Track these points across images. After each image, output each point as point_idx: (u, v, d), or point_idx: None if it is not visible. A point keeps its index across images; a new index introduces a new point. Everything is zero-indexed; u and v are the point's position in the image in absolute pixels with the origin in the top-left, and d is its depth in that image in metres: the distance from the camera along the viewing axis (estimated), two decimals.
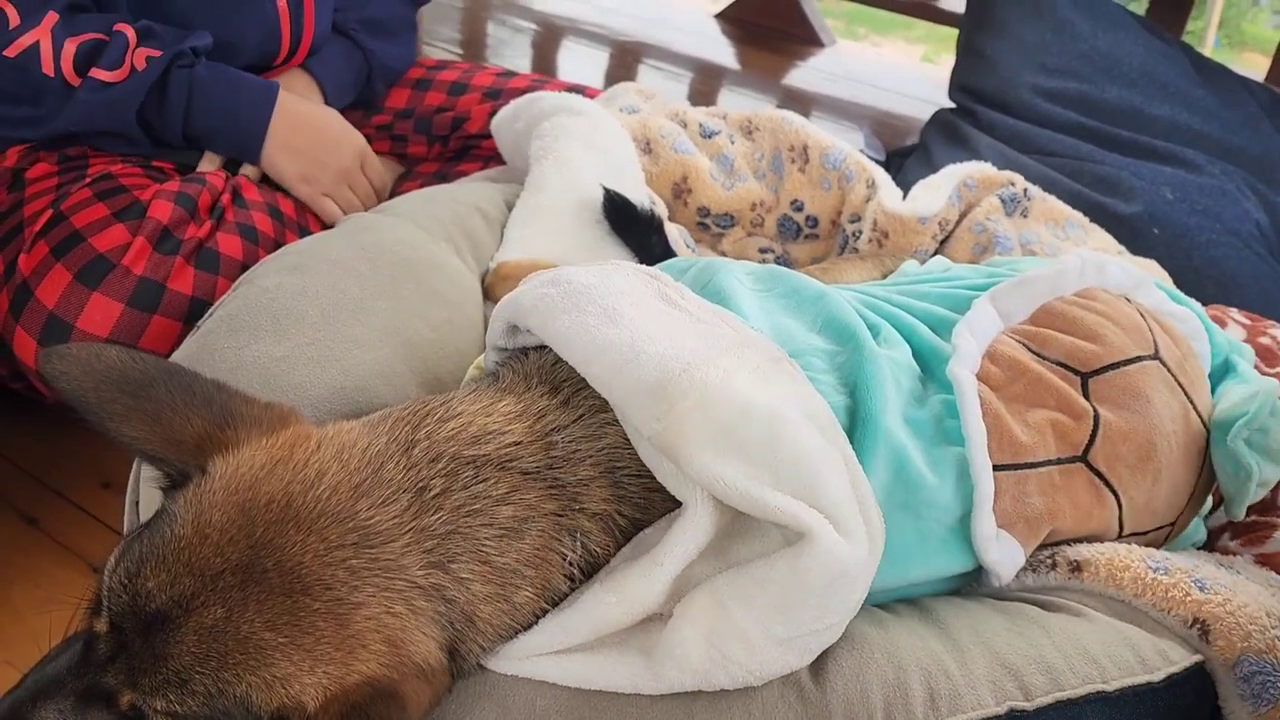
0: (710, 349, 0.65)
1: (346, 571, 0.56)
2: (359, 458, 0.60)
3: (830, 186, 1.31)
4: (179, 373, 0.63)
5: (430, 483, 0.60)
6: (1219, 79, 1.73)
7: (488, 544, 0.60)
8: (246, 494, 0.58)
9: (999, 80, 1.68)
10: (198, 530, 0.57)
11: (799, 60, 2.41)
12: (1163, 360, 0.85)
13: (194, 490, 0.59)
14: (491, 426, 0.64)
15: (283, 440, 0.61)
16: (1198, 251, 1.35)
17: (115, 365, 0.61)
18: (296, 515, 0.57)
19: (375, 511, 0.58)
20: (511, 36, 2.46)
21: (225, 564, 0.56)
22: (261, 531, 0.57)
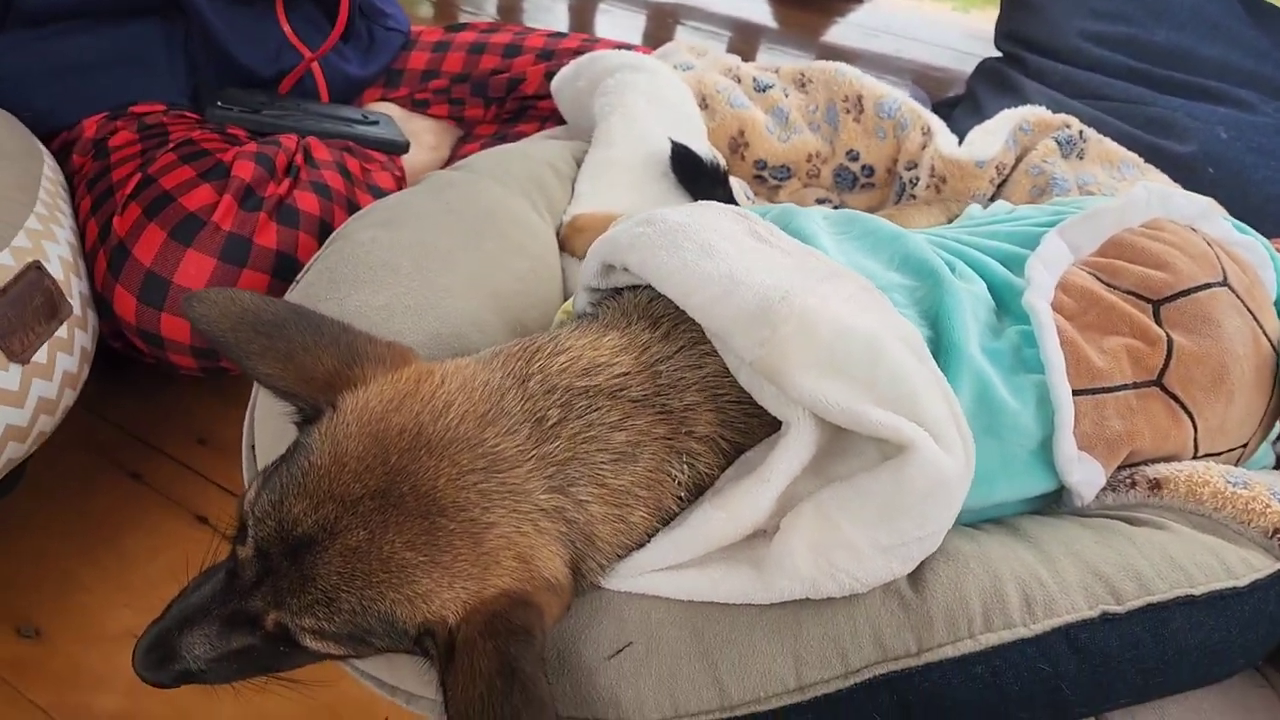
0: (806, 279, 0.67)
1: (478, 494, 0.60)
2: (481, 390, 0.64)
3: (885, 135, 1.33)
4: (308, 314, 0.67)
5: (547, 413, 0.64)
6: (1271, 19, 1.72)
7: (604, 468, 0.63)
8: (379, 424, 0.62)
9: (1047, 26, 1.68)
10: (336, 459, 0.61)
11: (837, 16, 2.41)
12: (1231, 286, 0.87)
13: (328, 424, 0.63)
14: (600, 359, 0.67)
15: (407, 375, 0.65)
16: (1254, 189, 1.35)
17: (250, 308, 0.65)
18: (428, 443, 0.61)
19: (501, 439, 0.62)
20: (548, 2, 2.48)
21: (364, 490, 0.60)
22: (396, 459, 0.61)
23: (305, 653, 0.62)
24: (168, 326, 1.03)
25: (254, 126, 1.23)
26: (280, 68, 1.33)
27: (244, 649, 0.62)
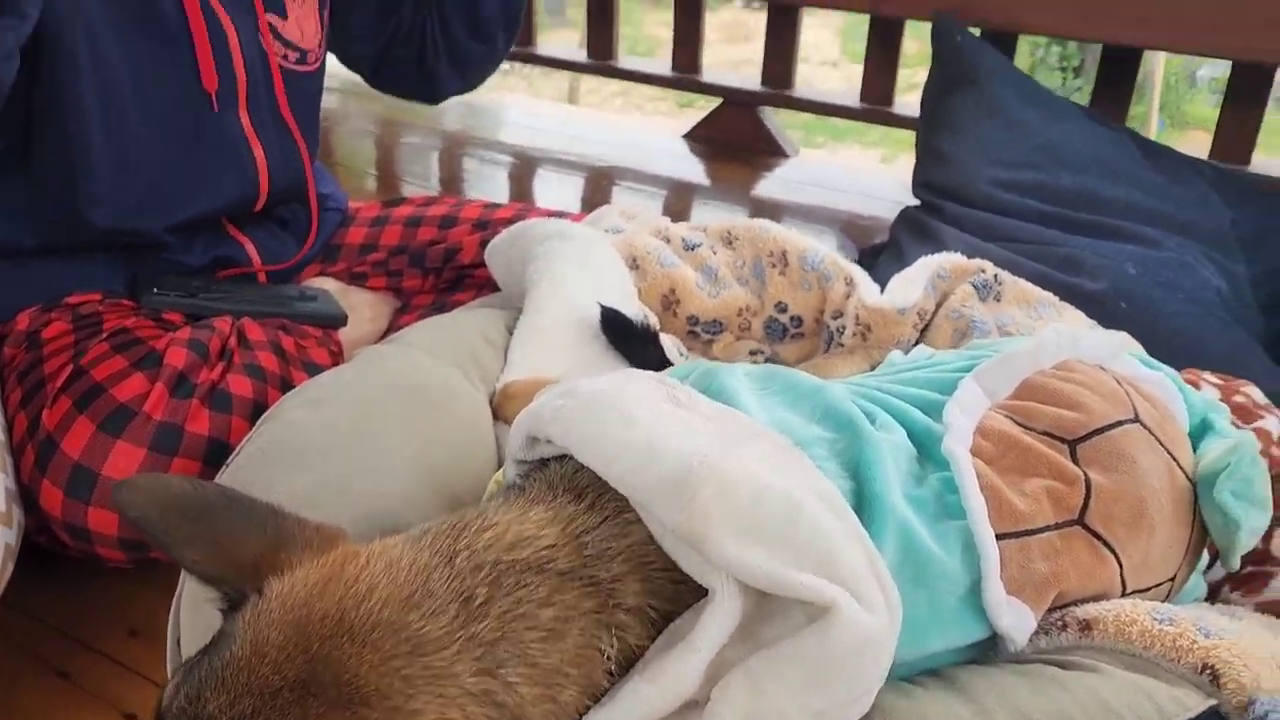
0: (724, 442, 0.69)
1: (402, 680, 0.59)
2: (406, 571, 0.64)
3: (811, 287, 1.38)
4: (238, 498, 0.67)
5: (475, 591, 0.63)
6: (1166, 160, 1.83)
7: (533, 647, 0.63)
8: (301, 611, 0.61)
9: (959, 176, 1.78)
10: (256, 649, 0.60)
11: (765, 171, 2.52)
12: (1143, 422, 0.90)
13: (251, 611, 0.62)
14: (526, 533, 0.67)
15: (334, 559, 0.65)
16: (1164, 321, 1.41)
17: (179, 493, 0.65)
18: (351, 628, 0.60)
19: (426, 622, 0.61)
20: (489, 170, 2.57)
21: (284, 681, 0.59)
22: (318, 647, 0.60)
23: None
24: (95, 520, 1.02)
25: (191, 310, 1.25)
26: (219, 256, 1.35)
27: None
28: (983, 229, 1.67)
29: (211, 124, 1.24)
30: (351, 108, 2.81)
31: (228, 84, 1.24)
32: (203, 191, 1.27)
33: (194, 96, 1.22)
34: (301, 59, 1.33)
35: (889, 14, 2.21)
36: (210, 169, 1.27)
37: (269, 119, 1.31)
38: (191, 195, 1.26)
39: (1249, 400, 1.16)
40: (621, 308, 1.20)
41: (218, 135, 1.26)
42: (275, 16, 1.28)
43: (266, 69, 1.28)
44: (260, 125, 1.29)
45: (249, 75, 1.25)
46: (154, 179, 1.22)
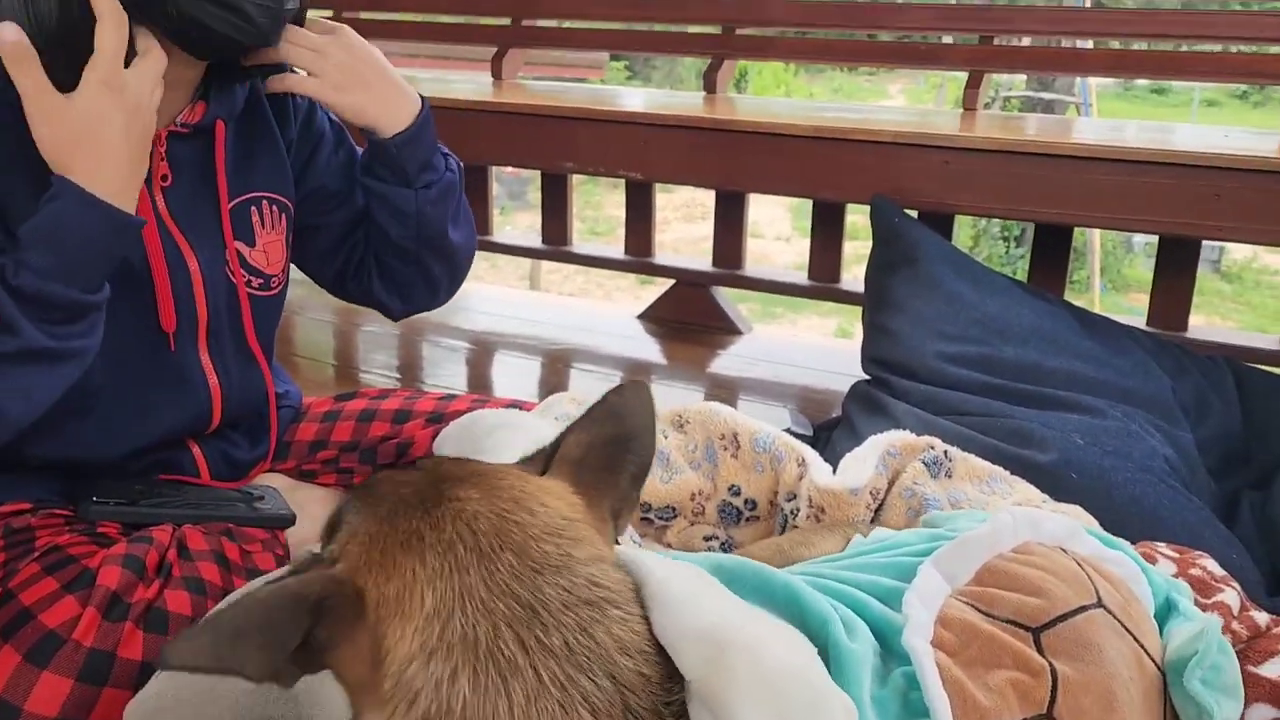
0: (747, 613, 0.72)
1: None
2: None
3: (763, 469, 1.37)
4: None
5: None
6: (1103, 329, 1.88)
7: None
8: None
9: (905, 351, 1.81)
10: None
11: (720, 349, 2.56)
12: (1107, 607, 0.89)
13: None
14: None
15: None
16: (1117, 491, 1.41)
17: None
18: None
19: None
20: (447, 357, 2.58)
21: None
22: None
23: None
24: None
25: (130, 519, 1.20)
26: (161, 460, 1.32)
27: None
28: (931, 403, 1.68)
29: (168, 362, 1.23)
30: (311, 298, 2.84)
31: (187, 322, 1.22)
32: (155, 424, 1.24)
33: (152, 337, 1.20)
34: (265, 285, 1.33)
35: (831, 198, 2.31)
36: (164, 404, 1.24)
37: (230, 348, 1.28)
38: (141, 428, 1.23)
39: (1206, 573, 1.15)
40: None
41: (174, 373, 1.23)
42: (243, 245, 1.28)
43: (233, 298, 1.27)
44: (219, 355, 1.27)
45: (210, 309, 1.24)
46: (105, 417, 1.19)
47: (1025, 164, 1.99)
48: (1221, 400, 1.80)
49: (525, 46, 2.91)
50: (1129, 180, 1.91)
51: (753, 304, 7.40)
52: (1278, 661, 1.04)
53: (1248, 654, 1.05)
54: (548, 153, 2.43)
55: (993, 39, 2.41)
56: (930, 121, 2.33)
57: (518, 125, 2.43)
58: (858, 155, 2.11)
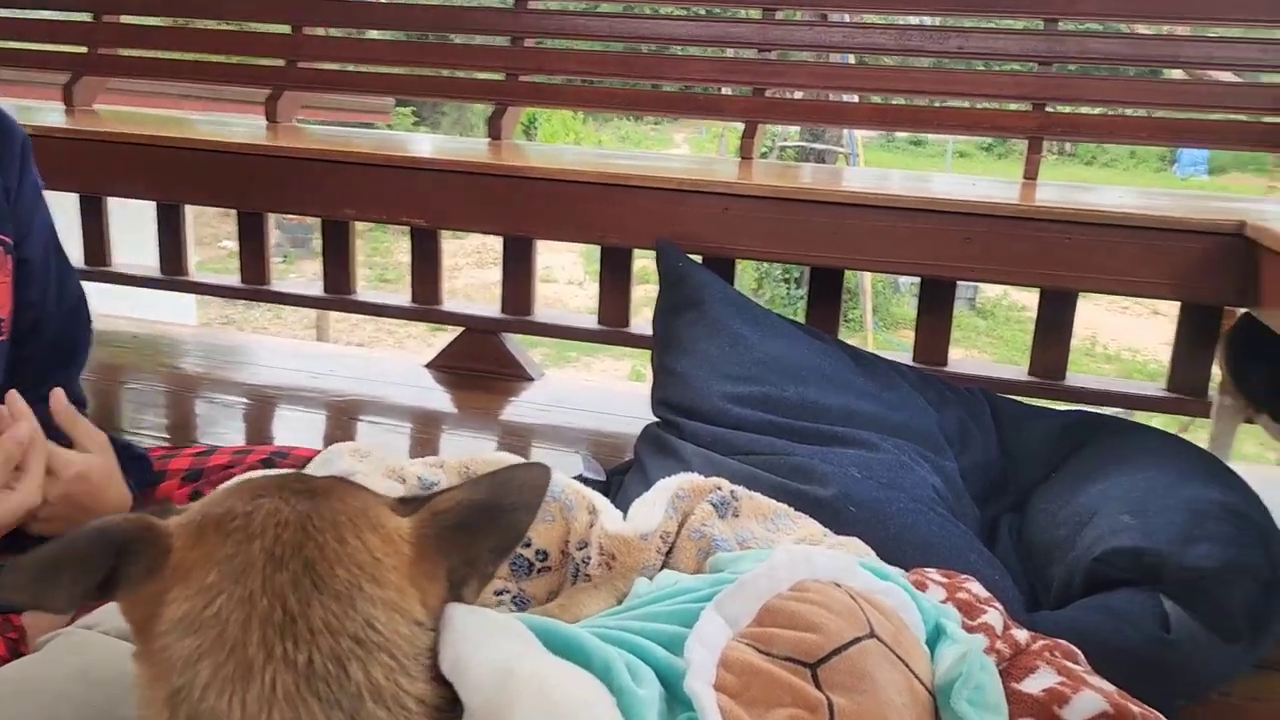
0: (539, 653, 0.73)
1: None
2: None
3: (554, 518, 1.35)
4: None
5: None
6: (874, 366, 1.99)
7: None
8: None
9: (693, 393, 1.84)
10: None
11: (512, 396, 2.53)
12: (879, 637, 0.92)
13: None
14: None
15: None
16: (892, 521, 1.48)
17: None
18: None
19: None
20: (222, 413, 2.43)
21: None
22: None
23: None
24: None
25: None
26: None
27: None
28: (719, 443, 1.72)
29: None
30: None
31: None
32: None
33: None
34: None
35: (617, 244, 2.34)
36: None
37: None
38: None
39: (972, 596, 1.21)
40: None
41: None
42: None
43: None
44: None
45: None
46: None
47: (799, 210, 2.08)
48: (980, 430, 1.92)
49: (302, 89, 2.81)
50: (892, 225, 2.04)
51: (547, 349, 7.41)
52: (1038, 676, 1.11)
53: (1010, 671, 1.12)
54: (326, 200, 2.35)
55: (765, 91, 2.53)
56: (711, 169, 2.41)
57: (294, 171, 2.34)
58: (642, 201, 2.15)
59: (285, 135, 2.57)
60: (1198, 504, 1.46)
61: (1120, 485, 1.58)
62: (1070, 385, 2.30)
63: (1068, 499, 1.64)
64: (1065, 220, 1.94)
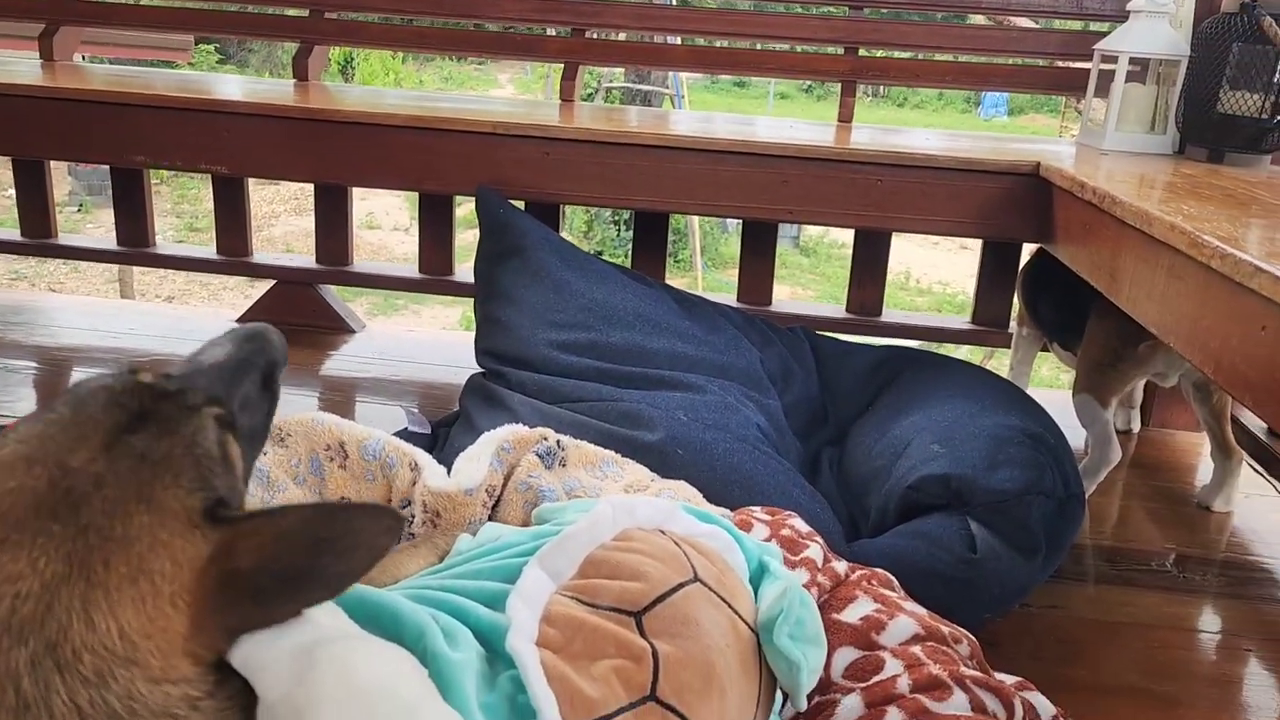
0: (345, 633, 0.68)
1: None
2: None
3: (375, 477, 1.31)
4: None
5: None
6: (699, 309, 2.00)
7: None
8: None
9: (517, 341, 1.81)
10: None
11: (332, 350, 2.43)
12: (702, 581, 0.93)
13: None
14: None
15: None
16: (719, 462, 1.50)
17: None
18: None
19: None
20: (7, 378, 2.23)
21: None
22: None
23: None
24: None
25: None
26: None
27: None
28: (546, 391, 1.70)
29: None
30: None
31: None
32: None
33: None
34: None
35: (435, 190, 2.26)
36: None
37: None
38: None
39: (794, 531, 1.25)
40: None
41: None
42: None
43: None
44: None
45: None
46: None
47: (621, 154, 2.06)
48: (802, 367, 1.97)
49: (80, 24, 2.58)
50: (714, 169, 2.05)
51: (373, 298, 7.19)
52: (856, 606, 1.15)
53: (831, 603, 1.16)
54: (114, 145, 2.16)
55: (585, 32, 2.48)
56: (531, 112, 2.35)
57: (75, 114, 2.14)
58: (459, 146, 2.08)
59: (64, 75, 2.35)
60: (999, 431, 1.54)
61: (930, 416, 1.65)
62: (885, 321, 2.40)
63: (883, 431, 1.70)
64: (876, 163, 2.00)
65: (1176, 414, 2.24)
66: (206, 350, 0.78)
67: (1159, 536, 1.79)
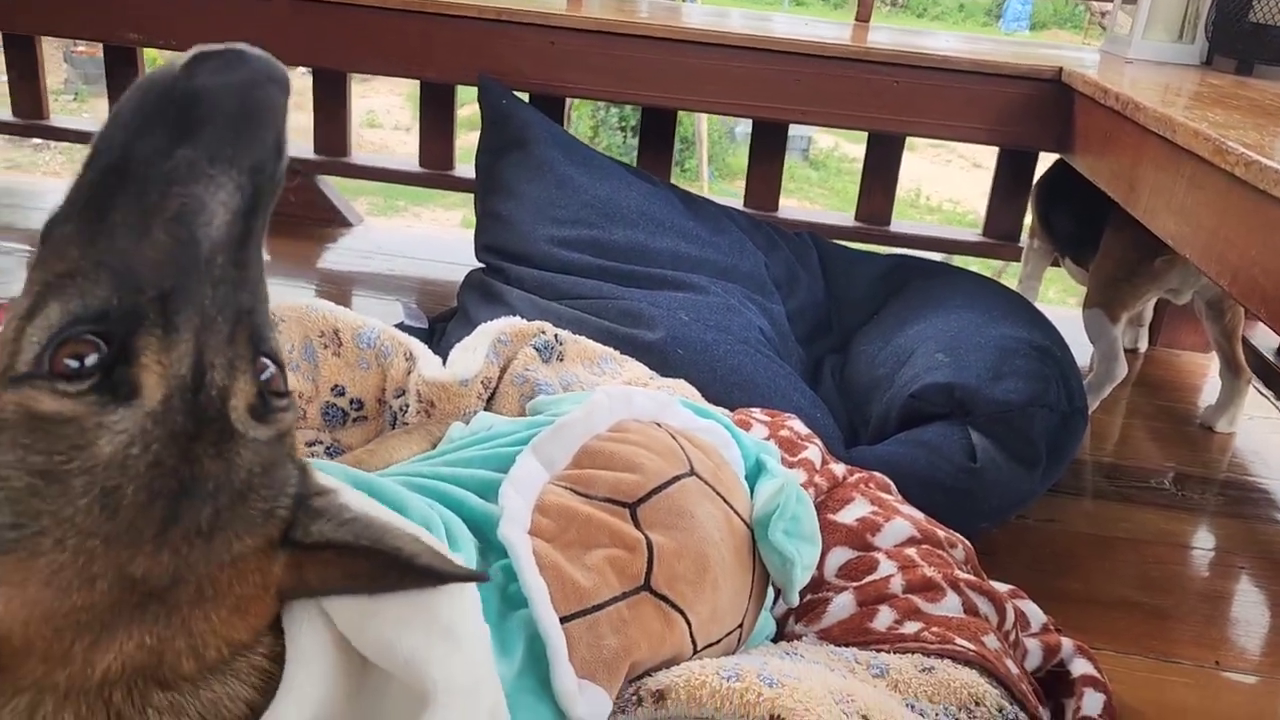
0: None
1: None
2: None
3: (369, 365, 1.29)
4: None
5: None
6: (705, 210, 1.95)
7: None
8: None
9: (518, 236, 1.77)
10: None
11: (329, 243, 2.39)
12: (698, 474, 0.91)
13: None
14: None
15: None
16: (719, 363, 1.48)
17: None
18: None
19: None
20: (4, 263, 2.20)
21: None
22: None
23: None
24: None
25: None
26: None
27: None
28: (545, 287, 1.67)
29: None
30: None
31: None
32: None
33: None
34: None
35: (434, 79, 2.19)
36: None
37: None
38: None
39: (793, 433, 1.23)
40: None
41: None
42: None
43: None
44: None
45: None
46: None
47: (631, 46, 1.99)
48: (807, 273, 1.94)
49: None
50: (725, 65, 1.98)
51: (372, 197, 7.09)
52: (852, 507, 1.14)
53: (827, 503, 1.14)
54: (105, 21, 2.09)
55: None
56: (538, 0, 2.27)
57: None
58: (460, 32, 2.00)
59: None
60: (1006, 342, 1.51)
61: (936, 325, 1.62)
62: (894, 231, 2.35)
63: (888, 339, 1.68)
64: (893, 63, 1.93)
65: (1184, 334, 2.21)
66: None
67: (1159, 455, 1.77)
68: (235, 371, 0.54)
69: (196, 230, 0.52)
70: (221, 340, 0.53)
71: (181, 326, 0.51)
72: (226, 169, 0.53)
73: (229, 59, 0.53)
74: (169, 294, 0.51)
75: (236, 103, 0.53)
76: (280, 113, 0.55)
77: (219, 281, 0.53)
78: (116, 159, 0.53)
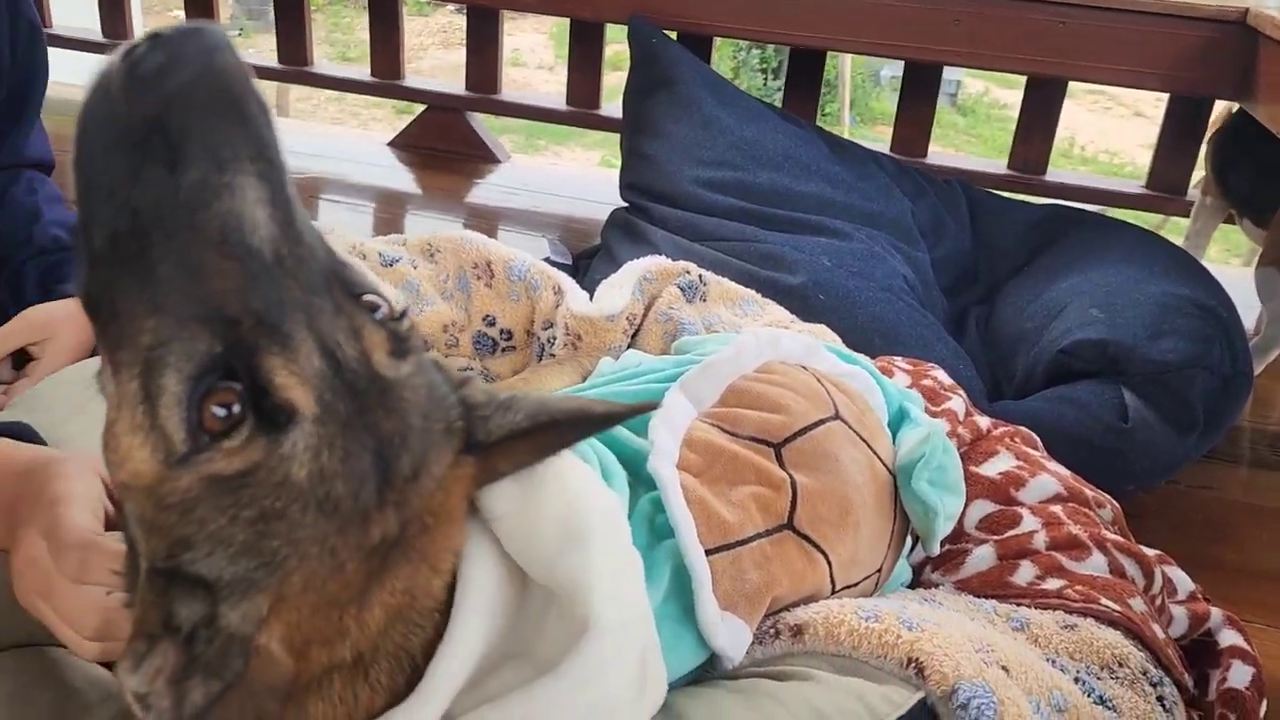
0: None
1: None
2: None
3: (519, 297, 1.33)
4: None
5: None
6: (851, 154, 1.92)
7: None
8: None
9: (663, 176, 1.78)
10: None
11: (478, 179, 2.45)
12: (843, 419, 0.91)
13: None
14: None
15: None
16: (860, 310, 1.46)
17: None
18: None
19: None
20: None
21: None
22: None
23: None
24: None
25: None
26: None
27: None
28: (688, 228, 1.68)
29: None
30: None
31: None
32: None
33: None
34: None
35: (586, 17, 2.20)
36: None
37: None
38: None
39: (936, 383, 1.21)
40: None
41: None
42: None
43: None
44: None
45: None
46: None
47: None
48: (955, 222, 1.89)
49: None
50: (879, 4, 1.93)
51: (515, 135, 7.19)
52: (996, 461, 1.12)
53: (970, 455, 1.13)
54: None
55: None
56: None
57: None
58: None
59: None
60: (1166, 299, 1.45)
61: (1091, 280, 1.57)
62: (1049, 181, 2.25)
63: (1038, 292, 1.63)
64: (1059, 2, 1.84)
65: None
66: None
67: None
68: (358, 331, 0.53)
69: (249, 241, 0.49)
70: (329, 315, 0.52)
71: (292, 331, 0.50)
72: (237, 167, 0.49)
73: (161, 49, 0.47)
74: (263, 312, 0.49)
75: (204, 95, 0.47)
76: (245, 75, 0.49)
77: (294, 268, 0.51)
78: (124, 221, 0.49)
